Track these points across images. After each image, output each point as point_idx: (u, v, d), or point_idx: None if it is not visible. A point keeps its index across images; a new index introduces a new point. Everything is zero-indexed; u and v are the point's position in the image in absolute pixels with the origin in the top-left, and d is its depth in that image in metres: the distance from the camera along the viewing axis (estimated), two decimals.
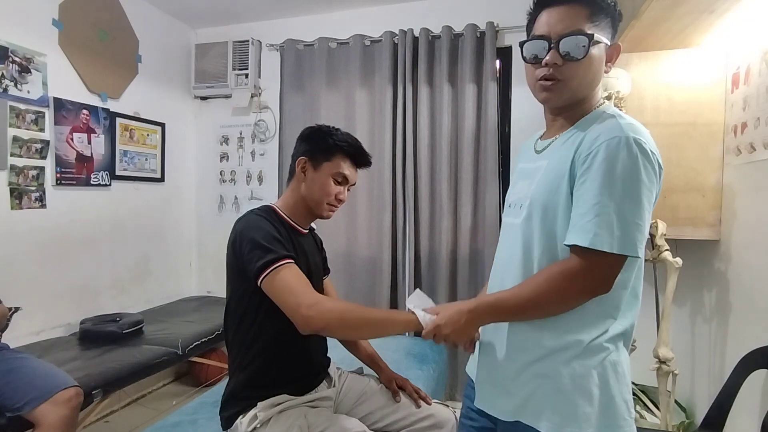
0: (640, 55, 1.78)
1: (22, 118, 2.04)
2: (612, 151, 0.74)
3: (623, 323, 0.82)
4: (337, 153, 1.19)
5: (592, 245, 0.72)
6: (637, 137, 0.74)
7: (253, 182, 3.06)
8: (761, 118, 1.45)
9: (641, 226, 0.74)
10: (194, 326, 2.34)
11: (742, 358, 1.34)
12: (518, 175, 0.97)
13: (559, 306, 0.79)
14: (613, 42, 0.83)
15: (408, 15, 2.63)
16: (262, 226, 1.10)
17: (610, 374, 0.79)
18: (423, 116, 2.56)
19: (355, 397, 1.29)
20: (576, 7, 0.79)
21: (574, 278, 0.76)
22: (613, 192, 0.73)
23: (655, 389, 1.76)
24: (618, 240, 0.72)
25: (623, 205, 0.73)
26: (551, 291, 0.78)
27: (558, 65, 0.80)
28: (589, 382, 0.78)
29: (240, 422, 1.10)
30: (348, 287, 2.66)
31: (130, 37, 2.63)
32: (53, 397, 1.43)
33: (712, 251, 1.79)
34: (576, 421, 0.77)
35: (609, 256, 0.73)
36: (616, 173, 0.73)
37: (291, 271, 1.04)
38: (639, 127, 0.78)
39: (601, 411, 0.78)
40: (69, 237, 2.28)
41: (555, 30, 0.80)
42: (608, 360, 0.79)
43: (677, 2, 1.34)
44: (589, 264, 0.74)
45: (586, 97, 0.85)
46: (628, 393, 0.82)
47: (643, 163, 0.74)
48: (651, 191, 0.75)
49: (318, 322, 0.98)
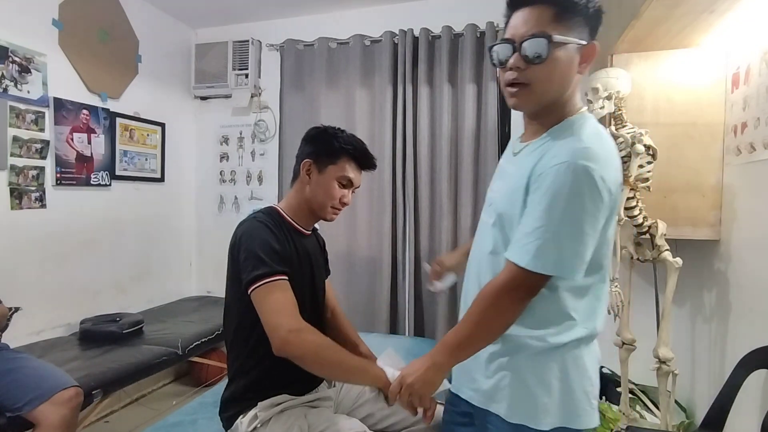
0: (640, 55, 1.78)
1: (22, 118, 2.04)
2: (559, 177, 0.75)
3: (588, 326, 0.85)
4: (342, 156, 1.17)
5: (528, 267, 0.76)
6: (587, 164, 0.74)
7: (253, 182, 3.06)
8: (761, 118, 1.45)
9: (579, 251, 0.77)
10: (194, 326, 2.34)
11: (742, 358, 1.34)
12: (498, 173, 0.99)
13: (501, 320, 0.82)
14: (590, 41, 0.81)
15: (408, 15, 2.63)
16: (261, 235, 1.08)
17: (571, 368, 0.84)
18: (423, 116, 2.56)
19: (355, 397, 1.28)
20: (540, 8, 0.78)
21: (509, 292, 0.80)
22: (554, 217, 0.75)
23: (655, 389, 1.76)
24: (553, 264, 0.76)
25: (562, 232, 0.75)
26: (490, 310, 0.82)
27: (521, 68, 0.79)
28: (549, 375, 0.83)
29: (240, 422, 1.10)
30: (348, 287, 2.66)
31: (130, 37, 2.63)
32: (53, 397, 1.43)
33: (712, 251, 1.79)
34: (535, 411, 0.83)
35: (542, 275, 0.77)
36: (560, 199, 0.74)
37: (281, 290, 1.04)
38: (595, 150, 0.76)
39: (561, 402, 0.83)
40: (69, 237, 2.29)
41: (518, 33, 0.79)
42: (570, 355, 0.84)
43: (677, 2, 1.33)
44: (522, 279, 0.78)
45: (558, 102, 0.83)
46: (591, 385, 0.87)
47: (588, 191, 0.74)
48: (595, 217, 0.76)
49: (295, 350, 0.99)
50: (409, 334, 2.60)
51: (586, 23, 0.80)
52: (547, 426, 0.83)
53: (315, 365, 1.03)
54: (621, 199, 0.83)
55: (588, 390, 0.86)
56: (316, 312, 1.26)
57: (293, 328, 0.99)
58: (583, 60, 0.81)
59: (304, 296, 1.15)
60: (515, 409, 0.85)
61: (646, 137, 1.56)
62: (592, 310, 0.86)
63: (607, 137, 0.83)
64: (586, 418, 0.85)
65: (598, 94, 1.60)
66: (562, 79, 0.80)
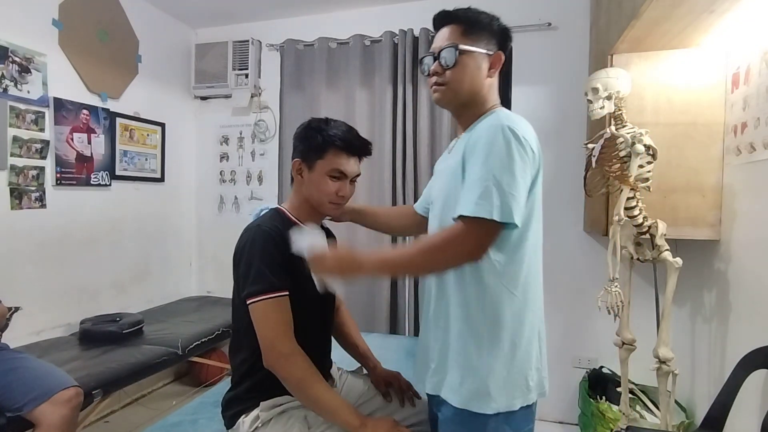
0: (640, 55, 1.78)
1: (22, 118, 2.04)
2: (490, 136, 0.88)
3: (526, 302, 0.94)
4: (328, 149, 1.13)
5: (474, 213, 0.83)
6: (512, 126, 0.88)
7: (253, 182, 3.06)
8: (761, 118, 1.45)
9: (516, 197, 0.85)
10: (194, 326, 2.34)
11: (742, 358, 1.34)
12: (433, 177, 1.16)
13: (437, 265, 0.91)
14: (496, 51, 0.99)
15: (408, 15, 2.63)
16: (264, 246, 1.07)
17: (508, 354, 0.92)
18: (423, 116, 2.56)
19: (355, 397, 1.29)
20: (453, 26, 0.98)
21: (455, 242, 0.86)
22: (491, 167, 0.85)
23: (655, 389, 1.76)
24: (497, 209, 0.83)
25: (501, 178, 0.84)
26: (433, 252, 0.88)
27: (439, 72, 0.98)
28: (493, 361, 0.91)
29: (242, 422, 1.11)
30: (348, 287, 2.64)
31: (130, 37, 2.63)
32: (53, 397, 1.43)
33: (712, 251, 1.80)
34: (478, 395, 0.91)
35: (488, 223, 0.83)
36: (494, 152, 0.86)
37: (278, 309, 1.05)
38: (516, 119, 0.92)
39: (504, 386, 0.91)
40: (69, 237, 2.29)
41: (437, 45, 0.99)
42: (509, 341, 0.92)
43: (677, 2, 1.33)
44: (469, 230, 0.85)
45: (472, 102, 0.99)
46: (531, 369, 0.94)
47: (516, 145, 0.86)
48: (525, 170, 0.87)
49: (281, 371, 1.04)
50: (409, 334, 2.60)
51: (492, 37, 0.98)
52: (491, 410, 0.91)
53: (294, 392, 1.08)
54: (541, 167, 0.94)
55: (527, 373, 0.94)
56: (326, 308, 1.27)
57: (284, 353, 1.04)
58: (491, 66, 0.99)
59: (315, 289, 1.15)
60: (461, 392, 0.93)
61: (646, 137, 1.56)
62: (529, 285, 0.94)
63: (523, 119, 0.95)
64: (521, 399, 0.93)
65: (598, 94, 1.60)
66: (472, 80, 0.97)
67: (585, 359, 2.34)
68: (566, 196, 2.36)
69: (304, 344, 1.09)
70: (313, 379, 1.05)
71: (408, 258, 0.92)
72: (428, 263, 0.90)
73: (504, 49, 1.01)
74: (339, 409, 1.04)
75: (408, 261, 0.92)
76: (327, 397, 1.05)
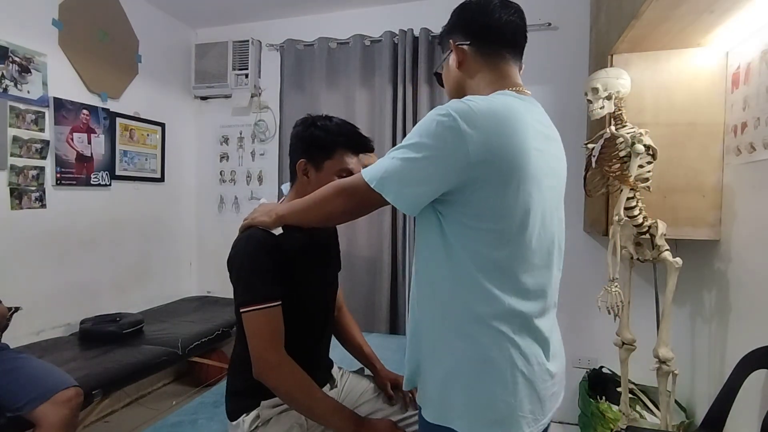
0: (640, 55, 1.78)
1: (22, 118, 2.04)
2: None
3: (511, 302, 0.84)
4: (336, 148, 1.12)
5: (363, 175, 0.85)
6: (450, 106, 0.78)
7: (253, 182, 3.06)
8: (761, 118, 1.45)
9: (404, 176, 0.80)
10: (194, 326, 2.34)
11: (742, 358, 1.34)
12: None
13: (323, 209, 0.94)
14: (449, 48, 0.98)
15: (408, 15, 2.63)
16: (255, 254, 1.04)
17: (483, 372, 0.84)
18: (423, 116, 2.55)
19: (356, 397, 1.29)
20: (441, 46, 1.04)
21: (342, 191, 0.90)
22: (400, 145, 0.83)
23: (655, 389, 1.76)
24: (377, 179, 0.82)
25: (396, 154, 0.81)
26: (324, 197, 0.93)
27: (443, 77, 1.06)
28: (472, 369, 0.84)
29: (243, 420, 1.11)
30: (348, 287, 2.65)
31: (130, 37, 2.63)
32: (53, 397, 1.43)
33: (712, 251, 1.80)
34: (450, 410, 0.84)
35: (371, 189, 0.83)
36: (413, 131, 0.82)
37: (268, 319, 1.02)
38: (469, 100, 0.79)
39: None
40: (69, 237, 2.28)
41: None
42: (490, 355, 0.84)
43: (677, 2, 1.33)
44: (357, 186, 0.86)
45: (463, 94, 0.97)
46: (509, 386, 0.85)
47: (436, 119, 0.78)
48: (438, 148, 0.77)
49: (270, 382, 1.03)
50: None
51: (462, 29, 0.99)
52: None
53: (286, 401, 1.07)
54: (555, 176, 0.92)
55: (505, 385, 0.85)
56: (325, 310, 1.26)
57: (273, 364, 1.02)
58: (456, 61, 0.98)
59: (315, 291, 1.15)
60: (433, 400, 0.88)
61: (646, 137, 1.56)
62: (512, 286, 0.86)
63: (501, 102, 0.83)
64: (494, 415, 0.84)
65: (598, 94, 1.60)
66: (449, 78, 1.02)
67: (585, 359, 2.34)
68: (566, 196, 2.35)
69: (303, 348, 1.09)
70: (302, 389, 1.03)
71: (307, 200, 0.98)
72: (317, 206, 0.95)
73: (479, 36, 0.95)
74: (332, 415, 1.03)
75: (306, 202, 0.98)
76: (318, 405, 1.03)
